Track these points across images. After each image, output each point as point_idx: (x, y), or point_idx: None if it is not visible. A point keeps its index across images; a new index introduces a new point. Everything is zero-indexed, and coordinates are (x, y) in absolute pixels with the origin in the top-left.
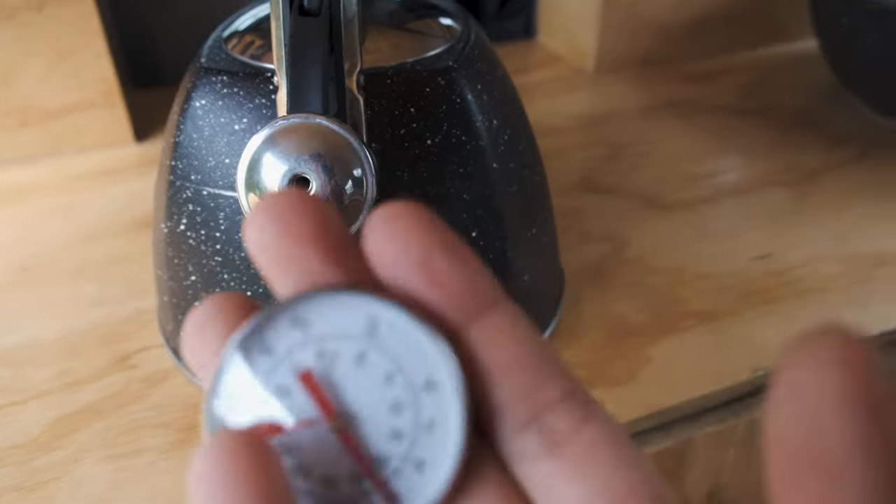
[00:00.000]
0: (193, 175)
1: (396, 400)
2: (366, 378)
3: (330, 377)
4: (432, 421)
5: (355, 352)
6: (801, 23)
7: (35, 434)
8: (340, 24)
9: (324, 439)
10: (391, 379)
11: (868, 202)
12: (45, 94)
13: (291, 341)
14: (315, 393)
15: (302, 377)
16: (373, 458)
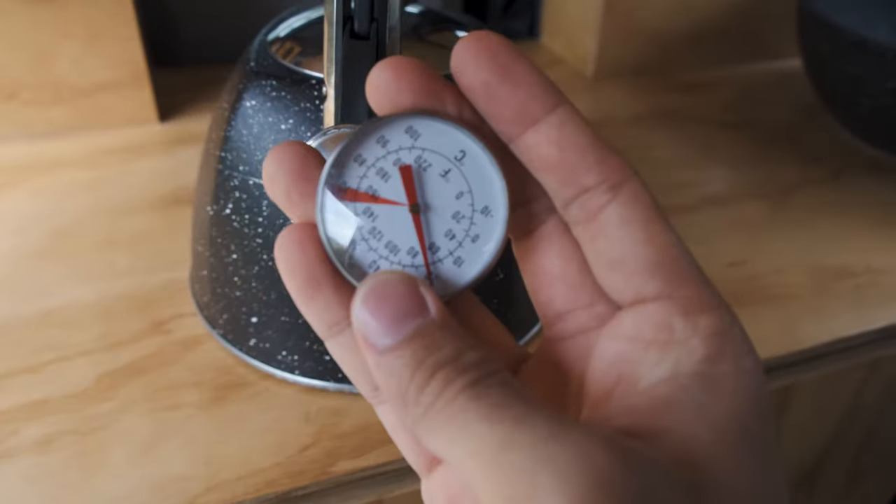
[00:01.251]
0: (241, 166)
1: (459, 211)
2: (445, 188)
3: (420, 177)
4: (478, 236)
5: (444, 167)
6: (788, 41)
7: (85, 386)
8: (385, 47)
9: (401, 217)
10: (461, 196)
11: (836, 220)
12: (77, 73)
13: (404, 144)
14: (407, 183)
15: (401, 169)
16: (429, 242)
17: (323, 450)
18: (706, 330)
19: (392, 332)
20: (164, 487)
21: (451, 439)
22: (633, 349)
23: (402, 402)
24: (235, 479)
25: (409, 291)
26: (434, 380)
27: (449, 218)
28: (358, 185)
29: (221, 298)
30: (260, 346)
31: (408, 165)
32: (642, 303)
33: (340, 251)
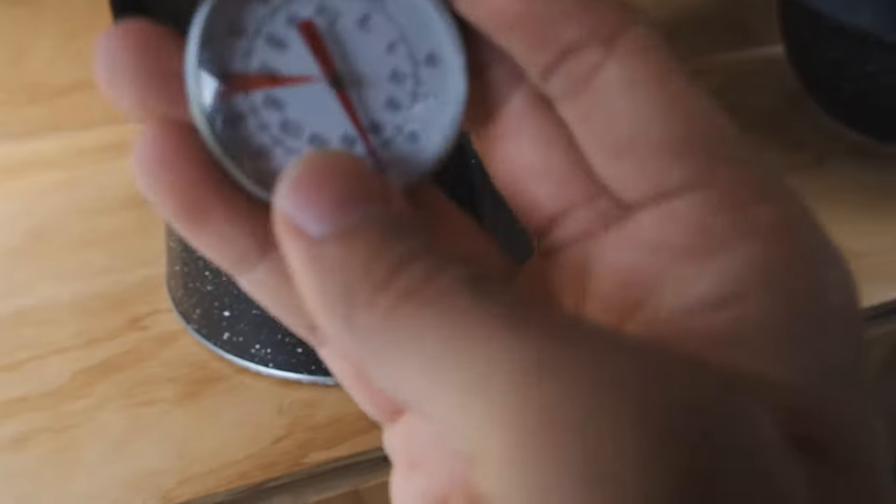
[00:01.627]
0: None
1: (397, 69)
2: (368, 42)
3: (332, 35)
4: (430, 93)
5: (359, 14)
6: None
7: (60, 384)
8: None
9: (319, 96)
10: (393, 48)
11: (818, 204)
12: (53, 72)
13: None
14: (315, 45)
15: (301, 27)
16: (367, 123)
17: (296, 441)
18: (765, 228)
19: (334, 216)
20: (137, 483)
21: (431, 359)
22: (656, 261)
23: (346, 308)
24: (208, 472)
25: (358, 171)
26: (405, 272)
27: (385, 81)
28: (246, 65)
29: (194, 293)
30: (233, 339)
31: (308, 20)
32: (665, 197)
33: (242, 165)
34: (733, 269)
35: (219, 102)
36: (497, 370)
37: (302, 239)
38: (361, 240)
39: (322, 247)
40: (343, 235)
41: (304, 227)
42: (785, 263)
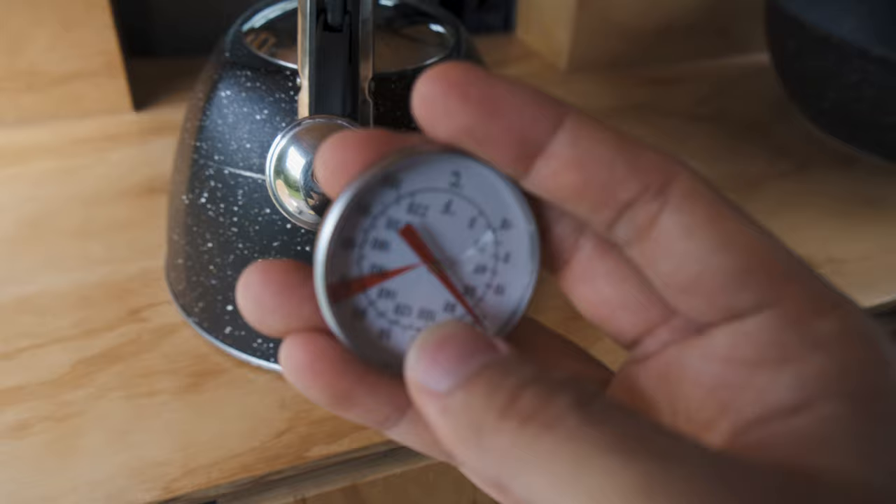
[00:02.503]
0: (216, 156)
1: (479, 238)
2: (453, 223)
3: (423, 227)
4: (508, 254)
5: (443, 203)
6: (756, 36)
7: (61, 373)
8: (359, 39)
9: (421, 279)
10: (474, 222)
11: (800, 211)
12: (50, 61)
13: (387, 199)
14: (415, 242)
15: (403, 232)
16: (462, 289)
17: (298, 435)
18: (831, 336)
19: (456, 372)
20: (141, 472)
21: (556, 475)
22: (735, 373)
23: (477, 438)
24: (211, 463)
25: (468, 333)
26: (522, 398)
27: (471, 251)
28: (360, 270)
29: (197, 287)
30: (235, 333)
31: (408, 226)
32: (736, 318)
33: (371, 349)
34: (806, 377)
35: (342, 309)
36: (612, 490)
37: (433, 396)
38: (481, 382)
39: (450, 398)
40: (466, 384)
41: (434, 386)
42: (851, 368)
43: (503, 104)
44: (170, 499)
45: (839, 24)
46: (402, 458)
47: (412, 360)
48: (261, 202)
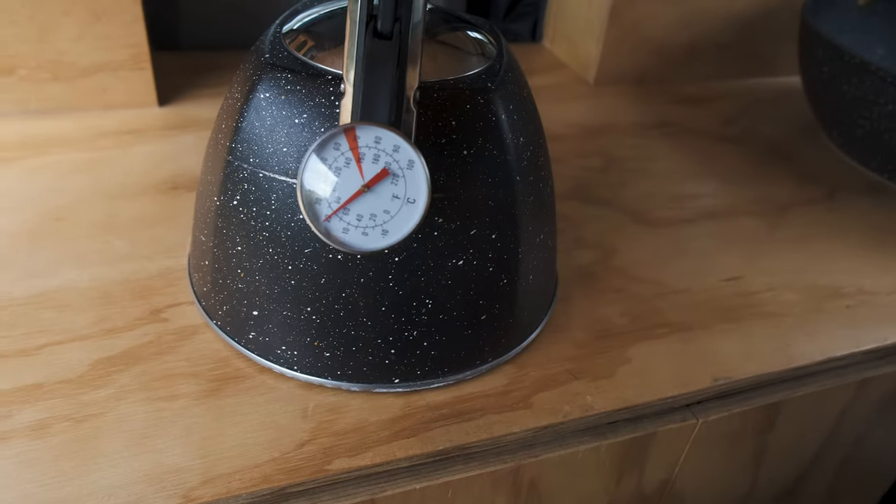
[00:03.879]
0: (252, 158)
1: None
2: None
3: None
4: (413, 199)
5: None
6: (786, 59)
7: (80, 372)
8: (407, 48)
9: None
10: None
11: (829, 240)
12: (77, 52)
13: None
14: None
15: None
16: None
17: (320, 447)
18: None
19: None
20: (160, 478)
21: None
22: None
23: None
24: (231, 472)
25: None
26: None
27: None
28: (329, 209)
29: (223, 290)
30: (259, 339)
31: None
32: None
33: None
34: None
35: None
36: None
37: None
38: None
39: None
40: None
41: None
42: None
43: None
44: None
45: (870, 52)
46: (423, 473)
47: None
48: (294, 207)
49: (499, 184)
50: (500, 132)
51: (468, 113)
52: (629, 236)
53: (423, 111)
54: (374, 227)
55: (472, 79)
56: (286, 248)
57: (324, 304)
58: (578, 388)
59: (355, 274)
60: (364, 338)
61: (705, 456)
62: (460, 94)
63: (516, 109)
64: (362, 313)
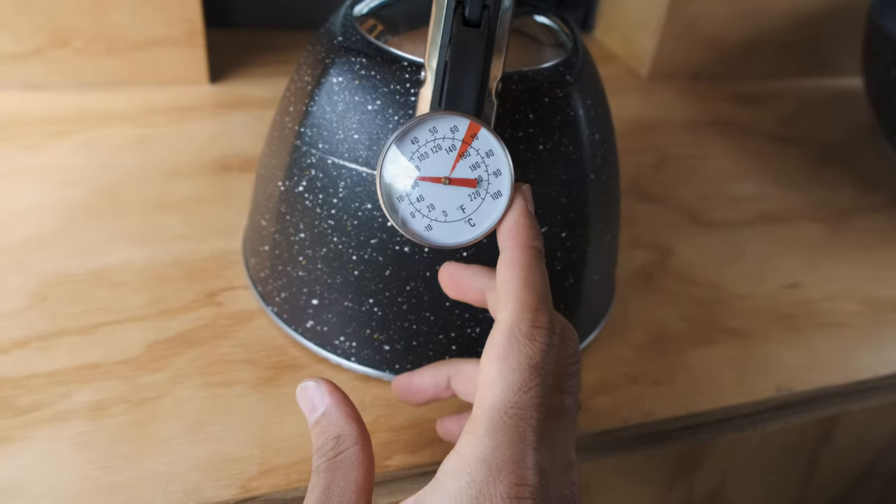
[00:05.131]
0: (321, 143)
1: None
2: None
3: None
4: (498, 192)
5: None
6: (848, 59)
7: (136, 353)
8: (495, 37)
9: (442, 189)
10: (477, 166)
11: (892, 249)
12: (133, 25)
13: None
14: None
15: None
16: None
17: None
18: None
19: (308, 419)
20: (218, 467)
21: None
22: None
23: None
24: (290, 464)
25: (314, 392)
26: (327, 448)
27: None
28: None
29: (282, 276)
30: (317, 329)
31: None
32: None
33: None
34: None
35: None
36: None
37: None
38: (315, 430)
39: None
40: (312, 427)
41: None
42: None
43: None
44: (247, 498)
45: None
46: None
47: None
48: (362, 196)
49: (573, 181)
50: (577, 127)
51: (546, 106)
52: (685, 236)
53: (501, 103)
54: (453, 222)
55: (550, 70)
56: (351, 237)
57: (386, 296)
58: (637, 393)
59: (421, 267)
60: (426, 332)
61: (759, 466)
62: (539, 87)
63: (593, 105)
64: (426, 307)
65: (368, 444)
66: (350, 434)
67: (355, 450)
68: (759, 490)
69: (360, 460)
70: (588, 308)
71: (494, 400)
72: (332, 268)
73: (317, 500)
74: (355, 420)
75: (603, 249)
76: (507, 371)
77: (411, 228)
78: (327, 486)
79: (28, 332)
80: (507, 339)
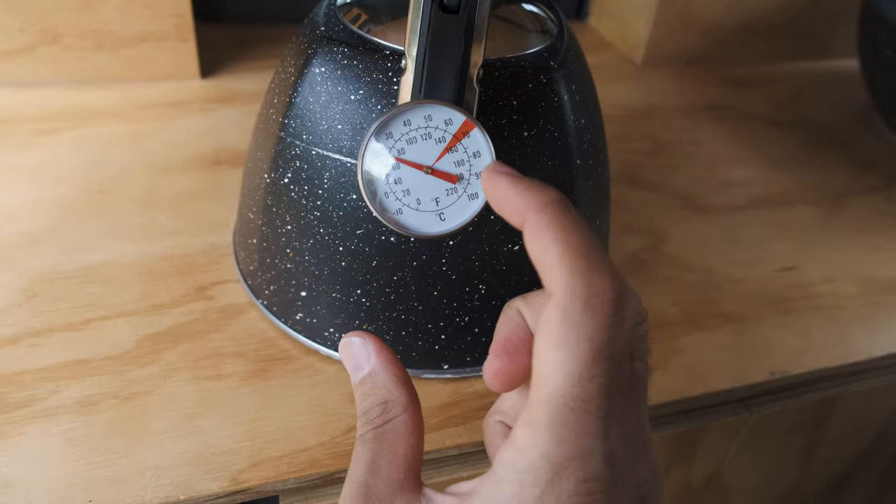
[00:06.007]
0: (305, 135)
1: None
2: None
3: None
4: (475, 194)
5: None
6: (843, 41)
7: (126, 349)
8: (474, 23)
9: (422, 177)
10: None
11: (888, 231)
12: (122, 21)
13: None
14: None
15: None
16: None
17: None
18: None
19: (352, 379)
20: (208, 460)
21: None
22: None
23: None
24: (279, 456)
25: (358, 349)
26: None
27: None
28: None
29: (270, 269)
30: (306, 320)
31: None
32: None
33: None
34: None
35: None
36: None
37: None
38: (358, 390)
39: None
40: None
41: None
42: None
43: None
44: (237, 490)
45: None
46: (471, 462)
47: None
48: (347, 187)
49: (559, 167)
50: (562, 113)
51: (530, 93)
52: (679, 222)
53: (484, 90)
54: (424, 212)
55: (533, 57)
56: (338, 228)
57: (374, 286)
58: None
59: (408, 257)
60: (414, 322)
61: (756, 450)
62: (522, 73)
63: (578, 90)
64: (413, 297)
65: (419, 413)
66: (399, 400)
67: (404, 418)
68: (757, 475)
69: (409, 430)
70: None
71: (552, 391)
72: (319, 259)
73: (362, 476)
74: (405, 384)
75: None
76: (564, 358)
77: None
78: (373, 459)
79: (19, 329)
80: (561, 319)
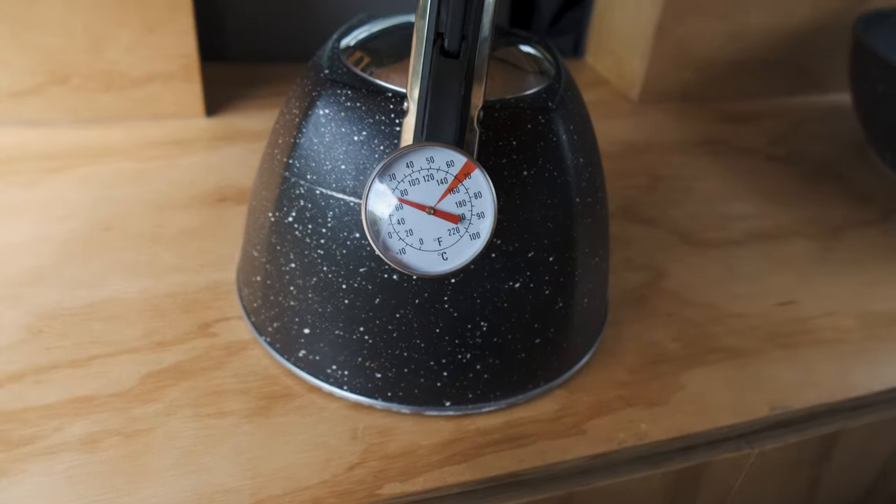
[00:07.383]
0: (309, 175)
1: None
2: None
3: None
4: (476, 234)
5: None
6: (836, 75)
7: (130, 386)
8: (474, 67)
9: (425, 217)
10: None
11: (886, 264)
12: (130, 62)
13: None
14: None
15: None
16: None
17: (370, 470)
18: None
19: None
20: (210, 498)
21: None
22: None
23: None
24: (281, 494)
25: None
26: None
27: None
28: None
29: (274, 306)
30: (309, 357)
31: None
32: None
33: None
34: None
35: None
36: None
37: None
38: None
39: None
40: None
41: None
42: None
43: None
44: None
45: None
46: (473, 500)
47: None
48: (350, 226)
49: (558, 205)
50: (560, 153)
51: (529, 133)
52: (678, 257)
53: (484, 131)
54: (427, 251)
55: (532, 98)
56: (341, 266)
57: (377, 324)
58: (632, 415)
59: (410, 295)
60: (416, 359)
61: (759, 486)
62: (521, 114)
63: (576, 129)
64: (416, 334)
65: None
66: None
67: None
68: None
69: None
70: (580, 331)
71: None
72: (322, 297)
73: None
74: None
75: (592, 272)
76: None
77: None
78: None
79: (23, 366)
80: None
